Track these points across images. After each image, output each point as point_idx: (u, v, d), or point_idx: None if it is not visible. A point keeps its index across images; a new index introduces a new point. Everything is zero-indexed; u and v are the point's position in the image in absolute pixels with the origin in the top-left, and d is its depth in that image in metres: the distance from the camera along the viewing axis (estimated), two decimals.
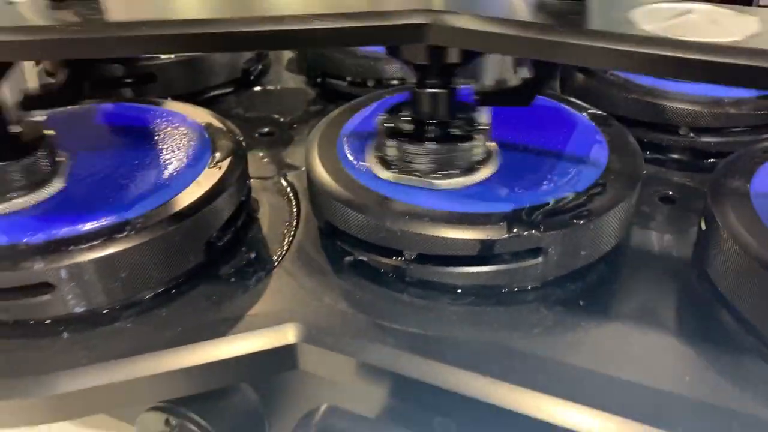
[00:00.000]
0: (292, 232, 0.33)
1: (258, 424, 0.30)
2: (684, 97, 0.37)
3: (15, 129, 0.30)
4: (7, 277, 0.26)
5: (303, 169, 0.37)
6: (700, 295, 0.28)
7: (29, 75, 0.31)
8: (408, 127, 0.30)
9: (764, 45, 0.22)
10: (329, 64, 0.46)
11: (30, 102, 0.31)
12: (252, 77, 0.50)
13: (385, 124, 0.30)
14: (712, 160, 0.37)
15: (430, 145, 0.29)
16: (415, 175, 0.29)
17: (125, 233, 0.27)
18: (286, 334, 0.26)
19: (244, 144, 0.33)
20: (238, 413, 0.30)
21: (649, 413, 0.23)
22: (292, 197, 0.35)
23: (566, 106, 0.36)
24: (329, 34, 0.25)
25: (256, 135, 0.42)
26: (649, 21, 0.24)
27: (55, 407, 0.26)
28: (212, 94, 0.47)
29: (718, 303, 0.27)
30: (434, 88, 0.29)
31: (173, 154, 0.32)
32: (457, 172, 0.29)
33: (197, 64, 0.46)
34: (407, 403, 0.26)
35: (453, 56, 0.27)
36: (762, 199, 0.28)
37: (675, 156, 0.38)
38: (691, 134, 0.37)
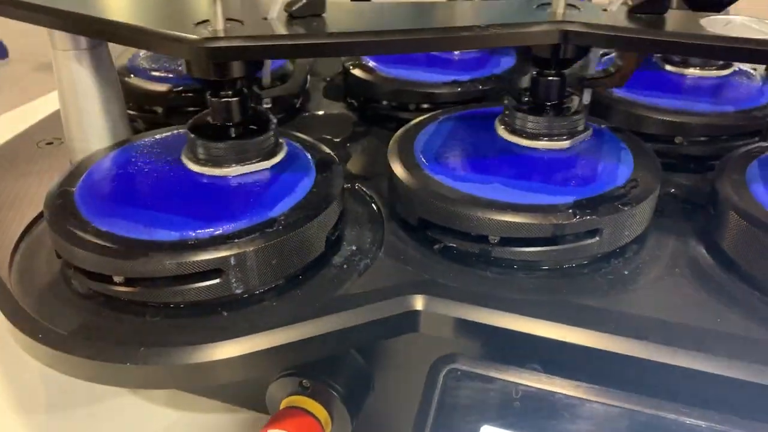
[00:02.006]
0: (379, 231, 0.40)
1: (367, 383, 0.37)
2: (676, 111, 0.46)
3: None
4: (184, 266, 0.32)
5: (370, 179, 0.44)
6: (710, 261, 0.37)
7: None
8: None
9: None
10: (369, 89, 0.54)
11: None
12: (298, 105, 0.56)
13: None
14: (701, 163, 0.46)
15: None
16: None
17: (274, 228, 0.33)
18: (412, 303, 0.33)
19: (337, 160, 0.40)
20: (352, 374, 0.36)
21: (682, 341, 0.31)
22: (370, 201, 0.42)
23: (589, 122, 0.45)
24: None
25: None
26: (711, 26, 0.35)
27: (208, 372, 0.32)
28: None
29: (725, 266, 0.36)
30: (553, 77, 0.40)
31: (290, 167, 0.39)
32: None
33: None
34: (503, 351, 0.33)
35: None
36: (754, 186, 0.37)
37: (671, 161, 0.46)
38: (684, 142, 0.46)
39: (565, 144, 0.40)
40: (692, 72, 0.52)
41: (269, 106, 0.42)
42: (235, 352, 0.31)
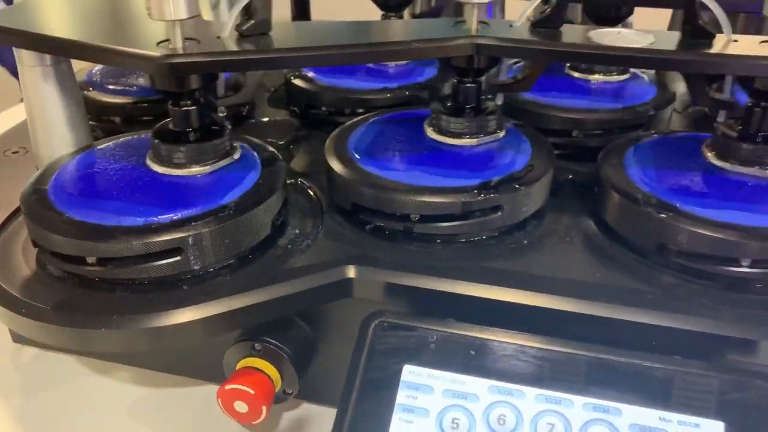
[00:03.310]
0: (319, 217, 0.46)
1: (311, 345, 0.43)
2: (574, 110, 0.54)
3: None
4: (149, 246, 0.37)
5: (310, 174, 0.50)
6: (595, 231, 0.44)
7: None
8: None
9: (655, 47, 0.40)
10: (309, 97, 0.60)
11: None
12: (245, 113, 0.62)
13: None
14: (595, 153, 0.54)
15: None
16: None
17: (226, 213, 0.39)
18: (346, 272, 0.39)
19: (280, 155, 0.46)
20: (298, 338, 0.42)
21: (574, 293, 0.38)
22: (311, 193, 0.48)
23: None
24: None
25: None
26: (598, 38, 0.42)
27: (173, 335, 0.37)
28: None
29: (609, 234, 0.43)
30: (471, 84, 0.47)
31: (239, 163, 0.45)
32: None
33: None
34: (423, 307, 0.39)
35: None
36: (630, 168, 0.44)
37: (571, 152, 0.54)
38: (581, 135, 0.54)
39: (477, 140, 0.47)
40: (594, 77, 0.60)
41: (224, 114, 0.48)
42: (195, 316, 0.37)
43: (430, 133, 0.48)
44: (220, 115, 0.47)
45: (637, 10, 0.57)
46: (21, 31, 0.42)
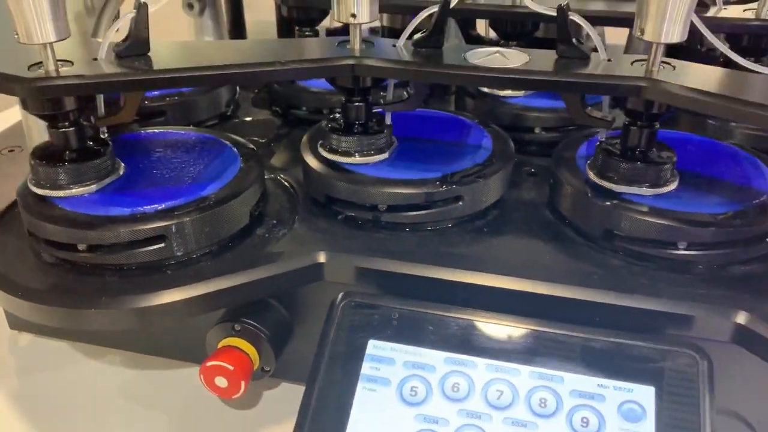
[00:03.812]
0: (295, 208, 0.49)
1: (288, 327, 0.46)
2: (536, 108, 0.57)
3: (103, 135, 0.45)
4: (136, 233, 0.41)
5: (289, 170, 0.54)
6: (551, 218, 0.47)
7: None
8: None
9: (528, 67, 0.42)
10: (291, 98, 0.63)
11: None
12: (230, 112, 0.66)
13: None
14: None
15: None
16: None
17: (206, 203, 0.42)
18: (317, 257, 0.43)
19: (258, 152, 0.50)
20: (276, 319, 0.45)
21: (525, 275, 0.41)
22: (287, 187, 0.52)
23: (462, 118, 0.55)
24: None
25: None
26: (472, 58, 0.44)
27: (157, 315, 0.40)
28: (205, 125, 0.63)
29: (562, 222, 0.47)
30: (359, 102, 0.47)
31: (220, 158, 0.48)
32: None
33: (194, 103, 0.61)
34: (388, 288, 0.43)
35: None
36: (580, 161, 0.48)
37: (533, 147, 0.58)
38: (543, 132, 0.57)
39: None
40: None
41: (106, 135, 0.46)
42: (177, 297, 0.40)
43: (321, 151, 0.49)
44: (103, 135, 0.46)
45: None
46: None
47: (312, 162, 0.48)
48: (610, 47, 0.50)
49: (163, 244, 0.41)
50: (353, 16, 0.43)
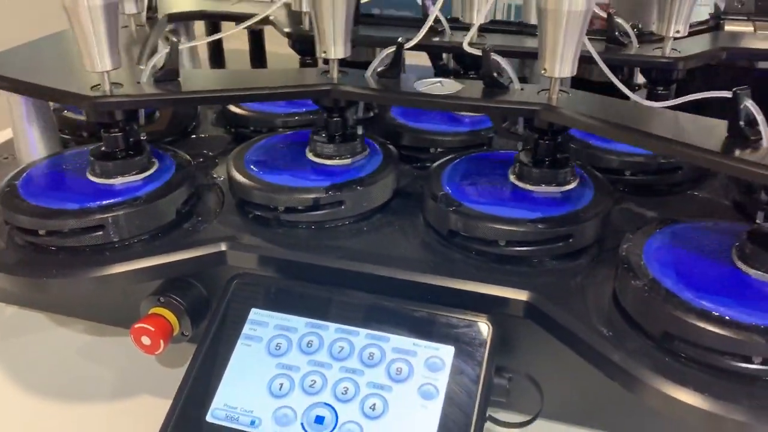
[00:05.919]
0: (220, 208, 0.61)
1: (205, 301, 0.58)
2: (433, 132, 0.69)
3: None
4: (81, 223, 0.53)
5: (223, 178, 0.66)
6: (420, 222, 0.59)
7: None
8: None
9: (459, 94, 0.55)
10: (239, 119, 0.76)
11: None
12: (190, 129, 0.79)
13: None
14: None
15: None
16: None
17: (137, 201, 0.55)
18: (222, 246, 0.55)
19: (192, 163, 0.62)
20: (193, 295, 0.58)
21: (381, 262, 0.53)
22: (219, 192, 0.64)
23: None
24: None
25: (198, 161, 0.71)
26: (419, 86, 0.56)
27: (97, 284, 0.53)
28: (167, 140, 0.75)
29: (426, 225, 0.58)
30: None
31: (158, 167, 0.61)
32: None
33: (162, 120, 0.75)
34: (276, 271, 0.55)
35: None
36: (446, 176, 0.59)
37: (428, 165, 0.69)
38: (438, 152, 0.69)
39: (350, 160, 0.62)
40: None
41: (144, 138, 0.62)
42: (113, 271, 0.53)
43: (309, 155, 0.63)
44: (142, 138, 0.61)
45: None
46: (9, 78, 0.59)
47: (233, 173, 0.61)
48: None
49: (101, 233, 0.54)
50: (324, 53, 0.57)
